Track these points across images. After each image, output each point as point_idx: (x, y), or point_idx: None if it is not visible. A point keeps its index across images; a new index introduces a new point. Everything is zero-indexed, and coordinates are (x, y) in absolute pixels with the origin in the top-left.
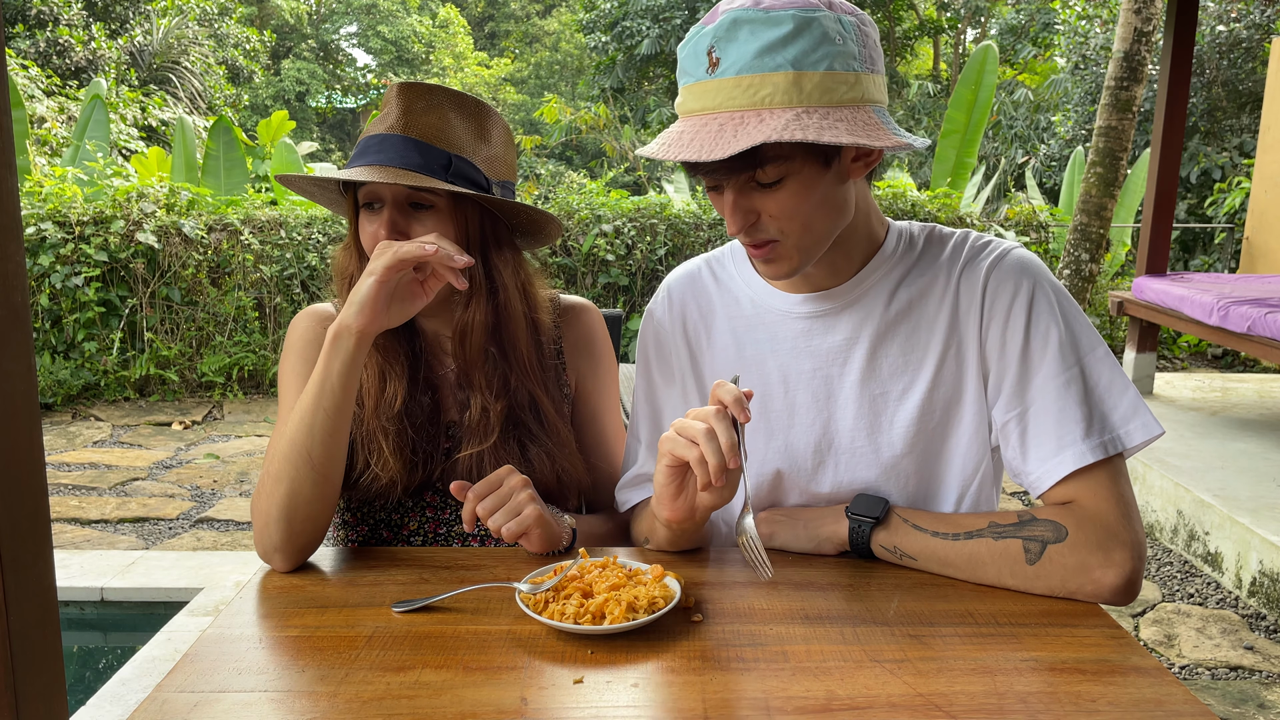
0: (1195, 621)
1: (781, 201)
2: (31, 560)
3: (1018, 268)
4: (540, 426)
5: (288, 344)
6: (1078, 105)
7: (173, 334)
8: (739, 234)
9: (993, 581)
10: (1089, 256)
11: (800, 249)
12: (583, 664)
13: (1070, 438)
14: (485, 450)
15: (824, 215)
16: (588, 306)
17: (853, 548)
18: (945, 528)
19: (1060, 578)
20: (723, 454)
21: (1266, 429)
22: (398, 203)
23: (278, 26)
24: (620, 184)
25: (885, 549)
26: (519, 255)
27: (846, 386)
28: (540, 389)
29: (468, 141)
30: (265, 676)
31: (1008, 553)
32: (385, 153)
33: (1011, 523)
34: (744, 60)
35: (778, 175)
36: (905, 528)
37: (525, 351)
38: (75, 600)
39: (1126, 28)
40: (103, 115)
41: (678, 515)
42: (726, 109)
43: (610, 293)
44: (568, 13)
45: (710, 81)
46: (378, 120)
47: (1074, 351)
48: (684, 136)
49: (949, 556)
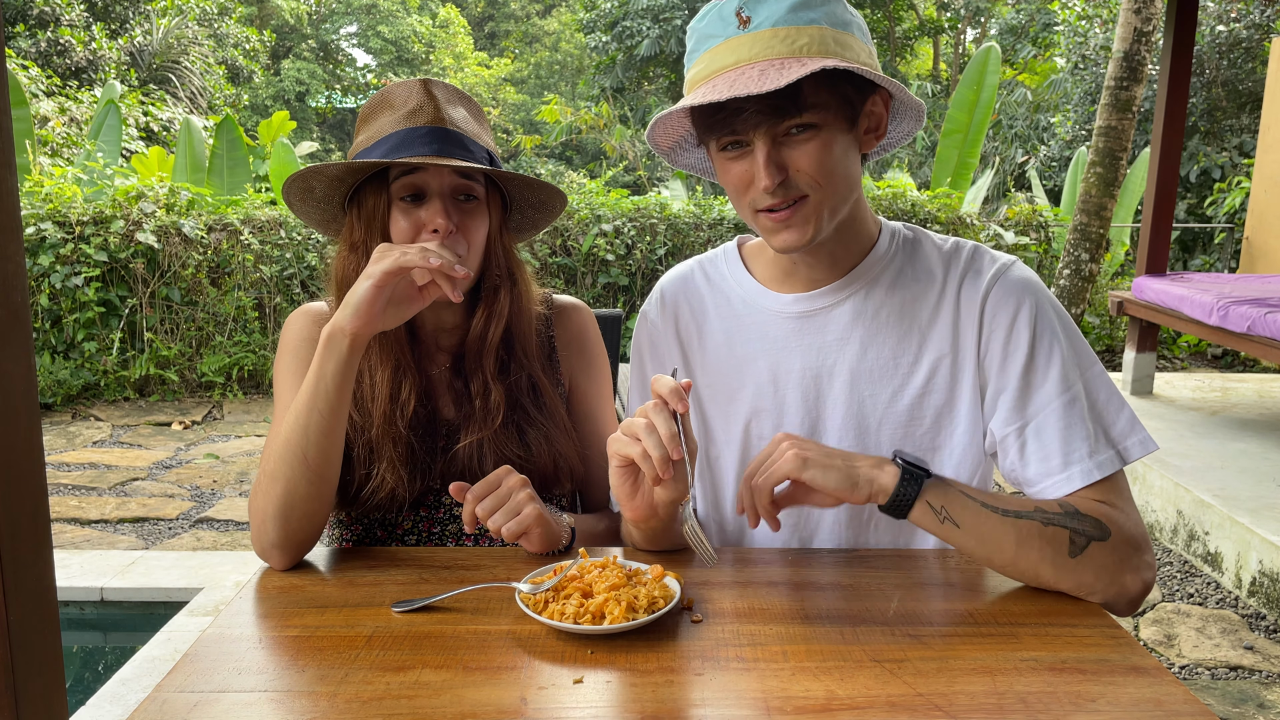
0: (1195, 621)
1: (811, 154)
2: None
3: (1020, 284)
4: (539, 410)
5: (282, 343)
6: (1078, 105)
7: (173, 334)
8: (770, 188)
9: (1027, 567)
10: (1089, 256)
11: (822, 207)
12: (583, 664)
13: (1078, 454)
14: (485, 437)
15: (845, 177)
16: (580, 306)
17: (893, 499)
18: (995, 502)
19: (1094, 574)
20: (664, 445)
21: (1266, 429)
22: (447, 195)
23: (278, 26)
24: (620, 184)
25: (932, 508)
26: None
27: (835, 387)
28: (540, 371)
29: (481, 130)
30: (265, 676)
31: (1055, 539)
32: (436, 144)
33: (1057, 512)
34: (778, 14)
35: (814, 121)
36: (955, 491)
37: (529, 334)
38: (75, 600)
39: (1126, 28)
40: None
41: (638, 514)
42: (765, 57)
43: (610, 293)
44: (568, 13)
45: (744, 36)
46: (403, 113)
47: (1076, 369)
48: (719, 87)
49: (995, 531)
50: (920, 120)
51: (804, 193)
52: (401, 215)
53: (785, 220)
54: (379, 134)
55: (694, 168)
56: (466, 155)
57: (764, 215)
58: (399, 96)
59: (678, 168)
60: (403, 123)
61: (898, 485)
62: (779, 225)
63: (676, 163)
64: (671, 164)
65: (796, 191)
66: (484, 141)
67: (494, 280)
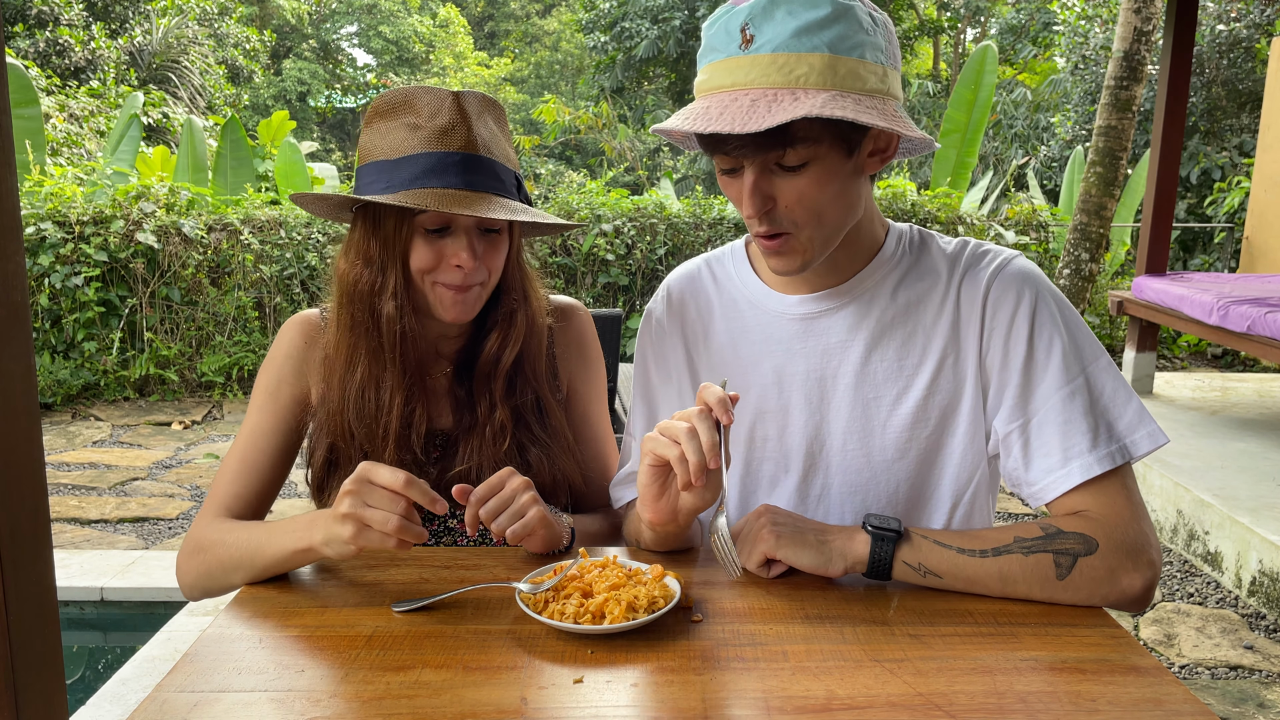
0: (1195, 621)
1: (801, 188)
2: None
3: (1019, 278)
4: (543, 428)
5: (271, 353)
6: (1078, 105)
7: (172, 334)
8: (754, 218)
9: (1020, 597)
10: (1089, 256)
11: (812, 242)
12: (583, 664)
13: (1077, 449)
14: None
15: (838, 208)
16: (578, 308)
17: (872, 566)
18: (971, 544)
19: (1089, 589)
20: (703, 453)
21: (1266, 428)
22: (473, 229)
23: (278, 26)
24: (620, 184)
25: (909, 566)
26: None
27: (840, 389)
28: (546, 390)
29: (506, 146)
30: (265, 676)
31: (1038, 568)
32: (469, 174)
33: (1037, 536)
34: (781, 38)
35: (804, 158)
36: (929, 544)
37: (538, 354)
38: (75, 600)
39: (1126, 27)
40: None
41: (660, 517)
42: (760, 85)
43: (610, 292)
44: (568, 13)
45: (744, 57)
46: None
47: (1078, 362)
48: (710, 111)
49: (977, 574)
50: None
51: (786, 229)
52: (424, 244)
53: (775, 250)
54: (402, 148)
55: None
56: (498, 186)
57: (759, 238)
58: (426, 107)
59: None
60: (432, 143)
61: (870, 552)
62: (769, 252)
63: (690, 148)
64: (685, 149)
65: (782, 226)
66: (511, 162)
67: (510, 304)
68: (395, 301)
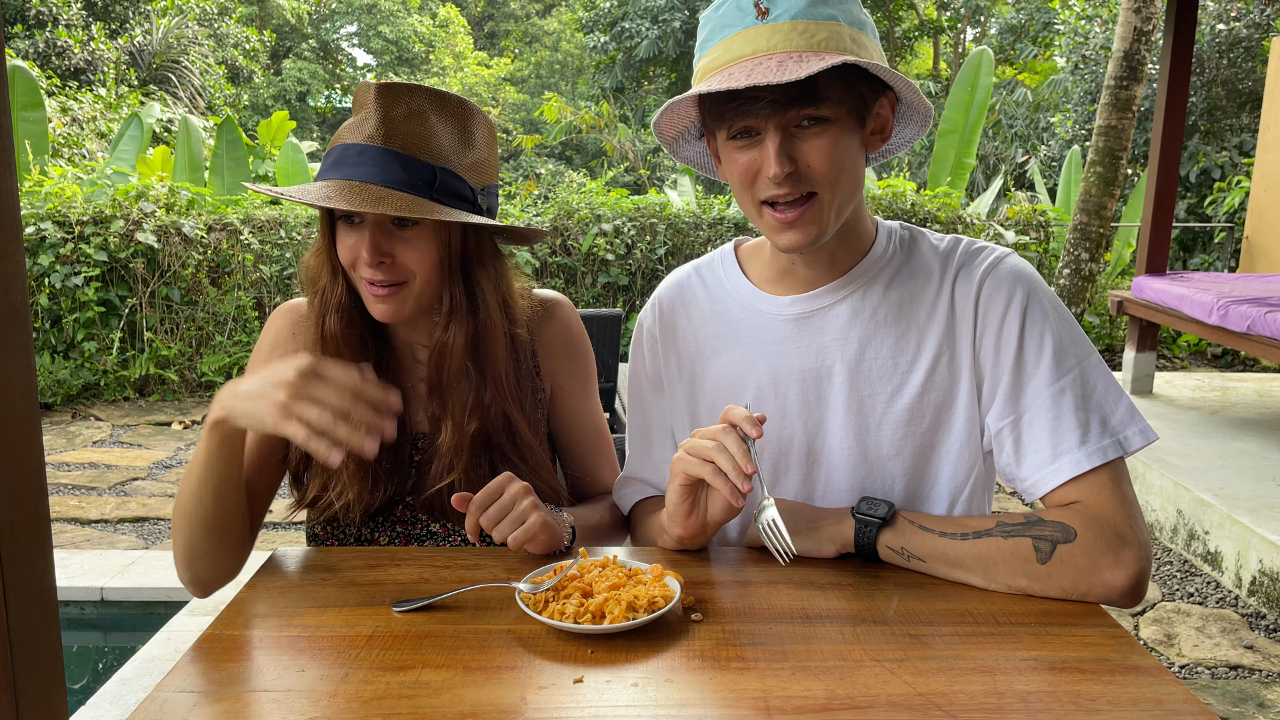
0: (1195, 621)
1: (822, 149)
2: (31, 560)
3: (1011, 275)
4: (513, 447)
5: (259, 341)
6: (1078, 105)
7: (172, 334)
8: (779, 177)
9: (1004, 582)
10: (1089, 256)
11: (833, 207)
12: (583, 664)
13: (1067, 445)
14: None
15: (853, 177)
16: (561, 302)
17: (858, 549)
18: (953, 528)
19: (1071, 578)
20: (738, 463)
21: (1266, 428)
22: (380, 222)
23: (278, 26)
24: (620, 183)
25: (892, 550)
26: (501, 264)
27: (835, 387)
28: (516, 408)
29: (452, 149)
30: (265, 676)
31: (1018, 551)
32: (364, 166)
33: (1019, 522)
34: (798, 8)
35: (828, 114)
36: (912, 529)
37: (503, 369)
38: (75, 600)
39: (1126, 27)
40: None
41: (691, 531)
42: (783, 49)
43: (610, 292)
44: (568, 13)
45: (763, 26)
46: (353, 125)
47: (1068, 360)
48: (734, 75)
49: (959, 556)
50: (925, 126)
51: (813, 189)
52: (343, 239)
53: (792, 221)
54: (335, 140)
55: (692, 161)
56: (398, 179)
57: (770, 212)
58: (359, 99)
59: (677, 159)
60: (350, 133)
61: (855, 535)
62: (784, 225)
63: (678, 154)
64: (672, 154)
65: (805, 186)
66: (439, 158)
67: (450, 305)
68: (336, 293)
